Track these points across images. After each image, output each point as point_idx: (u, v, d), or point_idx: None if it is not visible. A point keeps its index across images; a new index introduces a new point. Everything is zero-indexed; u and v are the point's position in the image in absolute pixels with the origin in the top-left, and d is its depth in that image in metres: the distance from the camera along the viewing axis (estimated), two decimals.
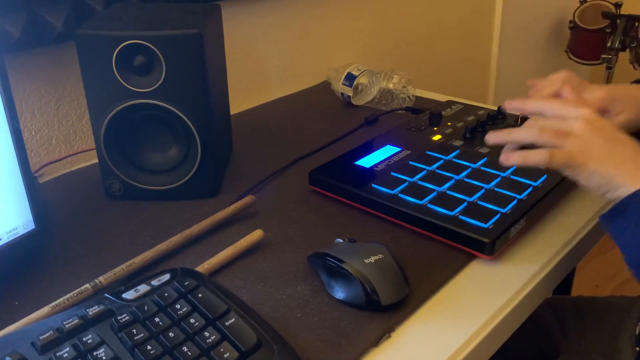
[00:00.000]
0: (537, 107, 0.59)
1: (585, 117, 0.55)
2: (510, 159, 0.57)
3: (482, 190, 0.68)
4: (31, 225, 0.62)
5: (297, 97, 1.14)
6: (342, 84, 1.06)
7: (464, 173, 0.72)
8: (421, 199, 0.67)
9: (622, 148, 0.54)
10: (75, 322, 0.46)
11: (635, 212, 0.50)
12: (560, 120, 0.56)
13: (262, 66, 1.14)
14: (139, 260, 0.60)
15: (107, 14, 0.76)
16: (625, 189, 0.51)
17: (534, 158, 0.55)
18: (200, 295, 0.49)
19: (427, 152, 0.78)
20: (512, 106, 0.62)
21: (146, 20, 0.72)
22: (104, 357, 0.43)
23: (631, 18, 1.88)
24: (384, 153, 0.79)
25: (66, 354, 0.43)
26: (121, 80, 0.68)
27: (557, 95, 0.63)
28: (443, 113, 0.91)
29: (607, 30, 1.93)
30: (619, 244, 0.52)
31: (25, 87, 0.83)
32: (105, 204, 0.75)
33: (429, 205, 0.66)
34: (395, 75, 1.01)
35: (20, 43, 0.77)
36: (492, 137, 0.60)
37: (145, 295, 0.49)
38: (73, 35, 0.68)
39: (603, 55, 1.93)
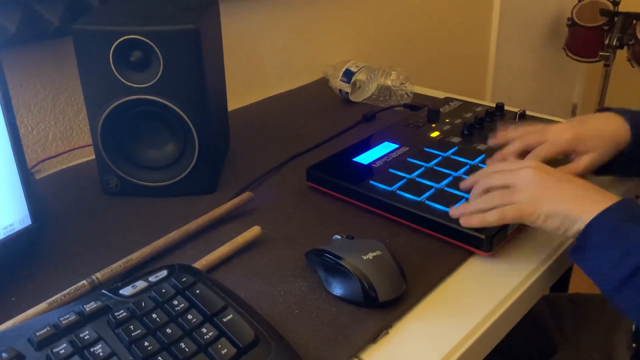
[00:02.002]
0: (486, 170, 0.63)
1: (531, 165, 0.59)
2: (471, 221, 0.59)
3: None
4: (28, 221, 0.61)
5: (295, 93, 1.14)
6: (340, 80, 1.05)
7: (462, 170, 0.72)
8: (419, 196, 0.67)
9: (571, 186, 0.56)
10: (72, 318, 0.45)
11: (595, 241, 0.51)
12: (510, 171, 0.59)
13: (260, 62, 1.14)
14: (136, 256, 0.60)
15: (103, 9, 0.76)
16: (582, 222, 0.53)
17: (490, 219, 0.58)
18: (197, 291, 0.49)
19: (425, 149, 0.78)
20: (465, 185, 0.65)
21: (143, 15, 0.72)
22: (100, 354, 0.43)
23: (629, 16, 1.88)
24: (381, 150, 0.79)
25: (63, 350, 0.43)
26: (118, 76, 0.68)
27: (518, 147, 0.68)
28: (441, 110, 0.91)
29: (605, 27, 1.93)
30: (590, 276, 0.53)
31: (21, 82, 0.83)
32: (102, 200, 0.74)
33: (427, 202, 0.66)
34: (393, 72, 1.01)
35: (17, 38, 0.77)
36: (454, 213, 0.62)
37: (142, 291, 0.49)
38: (70, 30, 0.67)
39: (601, 53, 1.93)
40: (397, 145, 0.80)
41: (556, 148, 0.66)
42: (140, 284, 0.50)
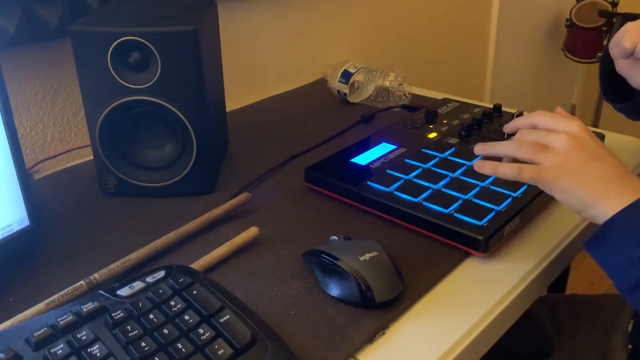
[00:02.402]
0: (529, 120, 0.60)
1: (572, 131, 0.55)
2: (483, 167, 0.58)
3: (477, 188, 0.68)
4: (26, 222, 0.61)
5: (294, 94, 1.14)
6: (339, 81, 1.06)
7: (459, 171, 0.72)
8: (416, 197, 0.67)
9: (601, 166, 0.53)
10: (69, 318, 0.46)
11: (617, 236, 0.50)
12: (549, 132, 0.56)
13: (259, 63, 1.14)
14: (134, 257, 0.60)
15: (102, 10, 0.76)
16: (598, 211, 0.52)
17: (504, 170, 0.56)
18: (194, 292, 0.49)
19: (423, 150, 0.78)
20: (508, 128, 0.63)
21: (142, 16, 0.72)
22: (98, 354, 0.43)
23: (627, 17, 1.88)
24: (379, 150, 0.79)
25: (60, 351, 0.43)
26: (116, 77, 0.68)
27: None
28: (439, 111, 0.91)
29: (604, 28, 1.94)
30: (605, 269, 0.52)
31: (20, 83, 0.83)
32: (100, 201, 0.74)
33: (424, 203, 0.66)
34: (391, 73, 1.01)
35: (15, 39, 0.77)
36: (479, 149, 0.61)
37: (139, 292, 0.49)
38: (68, 31, 0.68)
39: (599, 54, 1.93)
40: (394, 146, 0.80)
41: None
42: (138, 285, 0.50)
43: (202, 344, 0.44)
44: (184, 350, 0.44)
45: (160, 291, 0.49)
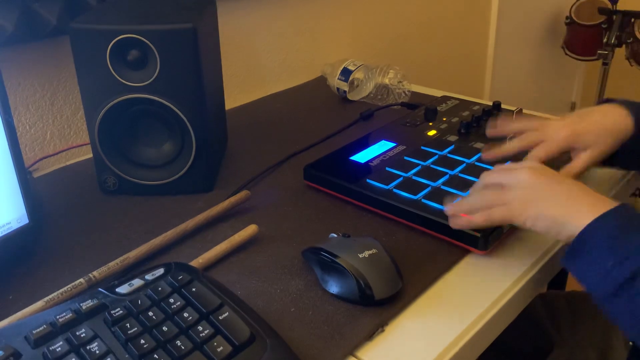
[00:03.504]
0: (488, 172, 0.62)
1: (528, 165, 0.58)
2: (458, 223, 0.60)
3: None
4: (25, 220, 0.61)
5: (293, 92, 1.14)
6: (338, 79, 1.06)
7: (459, 168, 0.72)
8: (415, 194, 0.67)
9: (565, 187, 0.55)
10: (68, 316, 0.46)
11: (589, 247, 0.50)
12: (508, 171, 0.59)
13: (258, 61, 1.14)
14: (133, 254, 0.60)
15: (101, 8, 0.76)
16: (573, 226, 0.51)
17: (477, 220, 0.58)
18: (194, 289, 0.49)
19: (422, 148, 0.78)
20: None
21: (140, 14, 0.72)
22: (97, 351, 0.43)
23: (627, 14, 1.88)
24: (379, 148, 0.79)
25: (59, 348, 0.43)
26: (115, 75, 0.68)
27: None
28: (438, 108, 0.91)
29: (604, 26, 1.94)
30: (582, 283, 0.51)
31: (19, 81, 0.83)
32: (99, 199, 0.74)
33: (424, 200, 0.66)
34: (391, 71, 1.01)
35: (14, 37, 0.77)
36: (449, 210, 0.62)
37: (139, 289, 0.49)
38: (67, 29, 0.67)
39: (599, 51, 1.93)
40: (394, 144, 0.80)
41: (554, 147, 0.65)
42: (137, 282, 0.50)
43: (201, 341, 0.44)
44: (183, 347, 0.44)
45: (160, 289, 0.49)
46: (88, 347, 0.43)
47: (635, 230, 0.49)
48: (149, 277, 0.51)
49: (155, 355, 0.43)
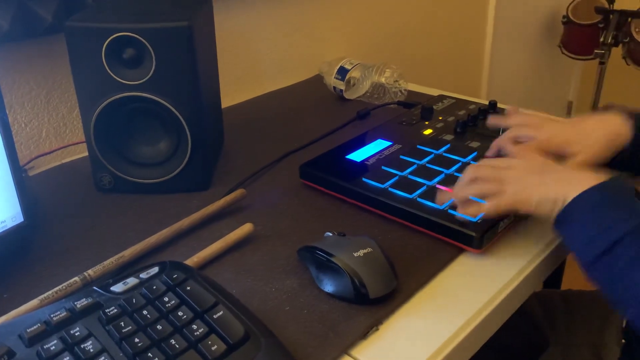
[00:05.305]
0: (478, 165, 0.64)
1: (521, 154, 0.62)
2: (467, 211, 0.61)
3: None
4: (20, 218, 0.61)
5: (289, 90, 1.14)
6: (335, 77, 1.06)
7: (454, 167, 0.73)
8: (411, 193, 0.67)
9: (559, 168, 0.60)
10: (63, 314, 0.46)
11: (576, 216, 0.54)
12: (499, 168, 0.61)
13: (254, 59, 1.14)
14: (128, 253, 0.60)
15: (96, 6, 0.76)
16: (564, 200, 0.55)
17: (486, 210, 0.59)
18: (188, 288, 0.49)
19: (418, 146, 0.78)
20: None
21: (136, 12, 0.72)
22: (91, 350, 0.43)
23: (624, 13, 1.88)
24: (375, 147, 0.79)
25: (53, 347, 0.43)
26: (111, 73, 0.68)
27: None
28: (435, 107, 0.91)
29: (600, 25, 1.94)
30: (570, 248, 0.55)
31: (14, 79, 0.82)
32: (95, 197, 0.74)
33: (419, 199, 0.66)
34: (387, 69, 1.01)
35: (10, 35, 0.77)
36: (443, 198, 0.64)
37: (133, 288, 0.49)
38: (63, 27, 0.67)
39: (596, 50, 1.93)
40: (390, 143, 0.80)
41: (545, 149, 0.66)
42: (132, 281, 0.50)
43: (196, 340, 0.44)
44: (177, 346, 0.44)
45: (154, 287, 0.49)
46: (82, 346, 0.43)
47: (620, 202, 0.53)
48: (143, 275, 0.51)
49: (150, 354, 0.43)
